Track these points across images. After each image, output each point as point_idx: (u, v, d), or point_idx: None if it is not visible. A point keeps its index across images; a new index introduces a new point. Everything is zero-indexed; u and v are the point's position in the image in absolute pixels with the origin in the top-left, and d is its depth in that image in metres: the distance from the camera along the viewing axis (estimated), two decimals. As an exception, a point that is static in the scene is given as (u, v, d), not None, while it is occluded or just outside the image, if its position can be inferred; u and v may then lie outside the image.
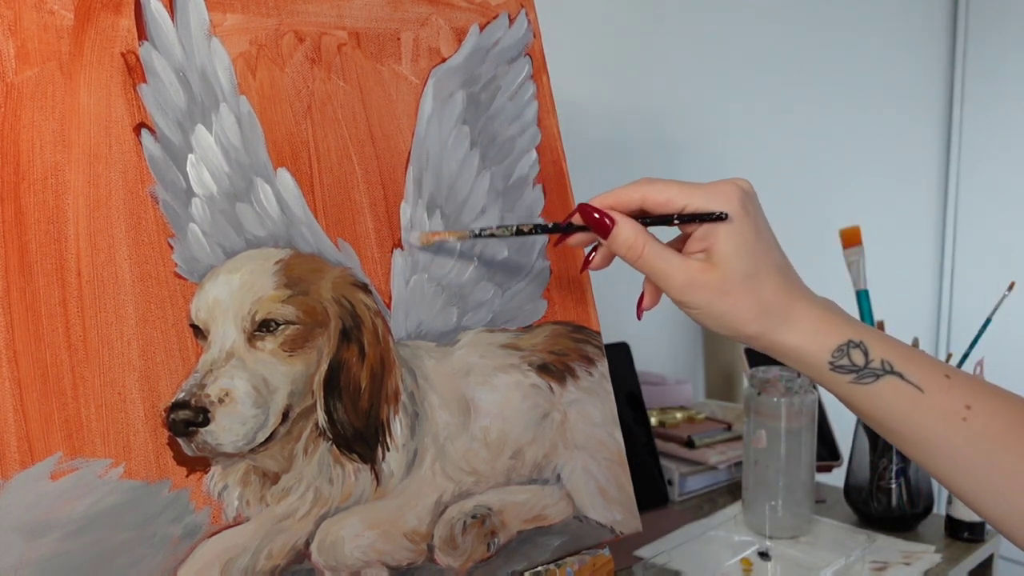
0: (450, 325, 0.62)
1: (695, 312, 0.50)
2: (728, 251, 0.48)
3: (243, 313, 0.53)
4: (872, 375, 0.48)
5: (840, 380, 0.49)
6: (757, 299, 0.49)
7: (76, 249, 0.48)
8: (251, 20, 0.56)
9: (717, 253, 0.49)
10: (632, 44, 1.29)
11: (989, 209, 2.06)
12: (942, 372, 0.48)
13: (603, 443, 0.68)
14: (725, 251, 0.48)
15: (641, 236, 0.50)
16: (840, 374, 0.48)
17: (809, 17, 1.66)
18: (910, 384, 0.47)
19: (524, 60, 0.68)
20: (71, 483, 0.47)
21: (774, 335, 0.49)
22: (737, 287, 0.48)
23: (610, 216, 0.50)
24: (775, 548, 0.87)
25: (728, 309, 0.49)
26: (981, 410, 0.47)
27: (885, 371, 0.48)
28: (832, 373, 0.49)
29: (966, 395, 0.47)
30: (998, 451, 0.46)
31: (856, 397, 0.49)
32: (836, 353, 0.48)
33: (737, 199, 0.49)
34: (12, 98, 0.47)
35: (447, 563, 0.59)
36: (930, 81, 2.06)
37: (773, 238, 0.51)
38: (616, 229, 0.50)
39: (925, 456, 0.48)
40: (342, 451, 0.56)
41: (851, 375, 0.48)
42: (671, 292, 0.50)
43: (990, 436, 0.46)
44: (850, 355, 0.48)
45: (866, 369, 0.48)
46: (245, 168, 0.55)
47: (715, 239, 0.49)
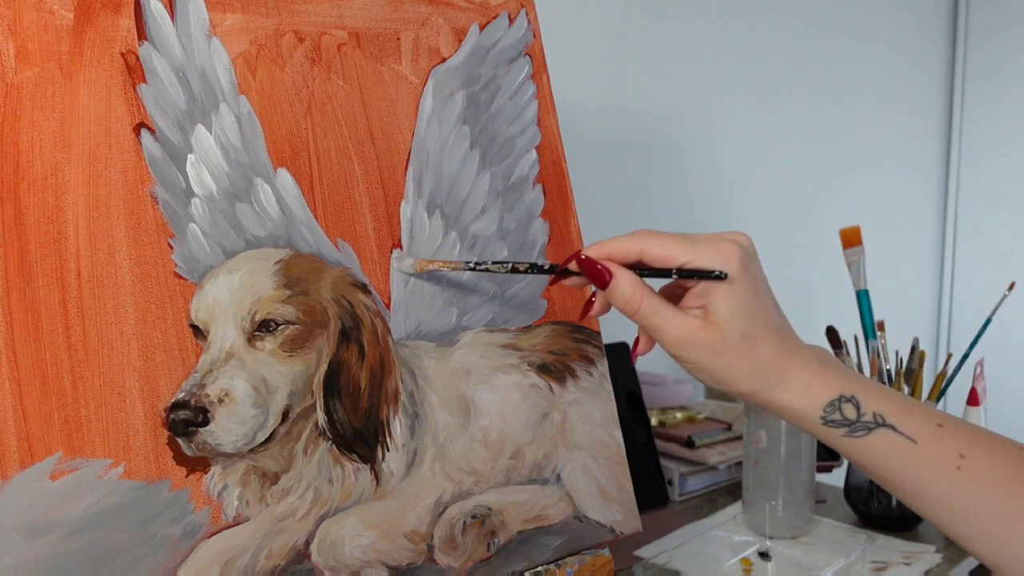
0: (450, 325, 0.62)
1: (689, 367, 0.50)
2: (726, 312, 0.48)
3: (243, 313, 0.53)
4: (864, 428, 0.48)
5: (833, 434, 0.49)
6: (752, 360, 0.48)
7: (76, 249, 0.48)
8: (251, 20, 0.56)
9: (715, 312, 0.48)
10: (632, 44, 1.29)
11: (989, 209, 2.06)
12: (935, 421, 0.48)
13: (603, 443, 0.68)
14: (723, 311, 0.48)
15: (639, 290, 0.49)
16: (832, 428, 0.49)
17: (809, 17, 1.66)
18: (902, 435, 0.48)
19: (524, 60, 0.68)
20: (71, 483, 0.47)
21: (767, 394, 0.49)
22: (733, 348, 0.48)
23: (608, 269, 0.49)
24: (775, 548, 0.87)
25: (723, 368, 0.49)
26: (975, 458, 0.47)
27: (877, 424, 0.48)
28: (825, 428, 0.49)
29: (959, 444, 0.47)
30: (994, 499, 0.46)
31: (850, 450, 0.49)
32: (828, 408, 0.49)
33: (737, 258, 0.48)
34: (12, 98, 0.47)
35: (447, 563, 0.59)
36: (930, 81, 2.06)
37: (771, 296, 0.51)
38: (614, 282, 0.49)
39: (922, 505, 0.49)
40: (342, 451, 0.56)
41: (843, 429, 0.49)
42: (666, 346, 0.50)
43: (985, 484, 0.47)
44: (842, 410, 0.49)
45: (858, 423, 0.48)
46: (245, 168, 0.54)
47: (713, 298, 0.48)
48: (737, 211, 1.50)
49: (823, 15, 1.70)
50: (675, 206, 1.37)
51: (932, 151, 2.10)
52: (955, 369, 0.94)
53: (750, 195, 1.54)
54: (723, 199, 1.47)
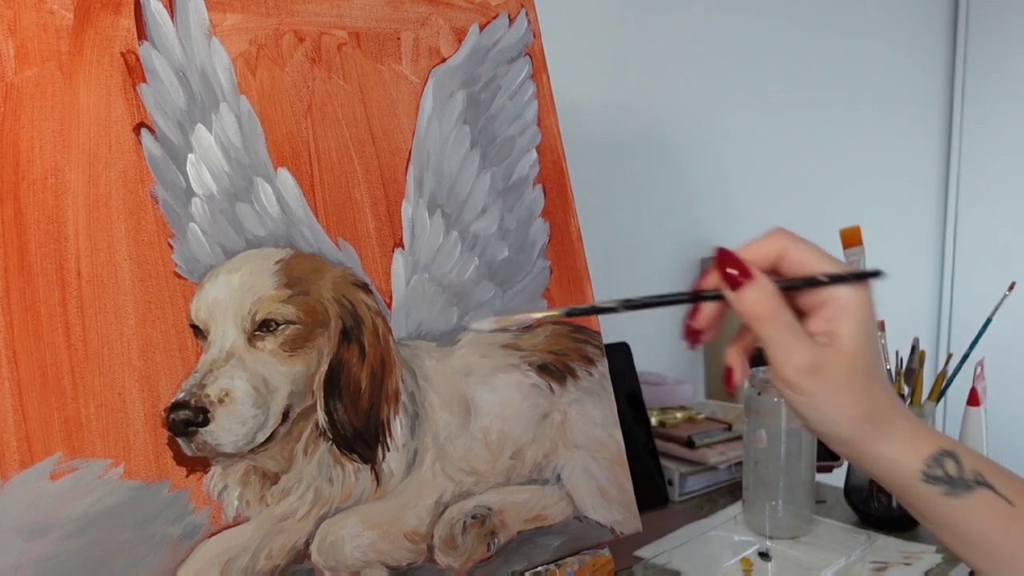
0: (450, 325, 0.62)
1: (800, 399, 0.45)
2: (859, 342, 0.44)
3: (243, 313, 0.53)
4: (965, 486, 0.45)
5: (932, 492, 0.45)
6: (868, 401, 0.45)
7: (76, 249, 0.48)
8: (251, 20, 0.55)
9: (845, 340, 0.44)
10: (632, 44, 1.29)
11: (989, 209, 2.06)
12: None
13: (603, 443, 0.68)
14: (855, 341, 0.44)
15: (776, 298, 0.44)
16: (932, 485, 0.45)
17: (809, 17, 1.66)
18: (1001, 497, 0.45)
19: (524, 60, 0.68)
20: (71, 483, 0.47)
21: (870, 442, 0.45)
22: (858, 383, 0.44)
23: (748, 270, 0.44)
24: (775, 548, 0.86)
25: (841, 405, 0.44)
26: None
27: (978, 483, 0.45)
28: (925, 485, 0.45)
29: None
30: None
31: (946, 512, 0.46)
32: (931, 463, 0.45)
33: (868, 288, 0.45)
34: (12, 98, 0.47)
35: (447, 563, 0.59)
36: (931, 81, 2.06)
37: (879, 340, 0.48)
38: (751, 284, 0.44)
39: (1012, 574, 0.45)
40: (342, 451, 0.56)
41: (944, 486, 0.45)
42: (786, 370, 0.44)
43: None
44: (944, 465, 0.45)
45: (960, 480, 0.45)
46: (245, 168, 0.54)
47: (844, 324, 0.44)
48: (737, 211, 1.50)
49: (823, 15, 1.70)
50: (675, 206, 1.37)
51: (932, 151, 2.10)
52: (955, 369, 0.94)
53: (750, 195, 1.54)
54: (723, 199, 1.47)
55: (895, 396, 0.46)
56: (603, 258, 1.25)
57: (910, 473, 0.45)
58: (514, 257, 0.66)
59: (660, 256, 1.37)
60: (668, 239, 1.37)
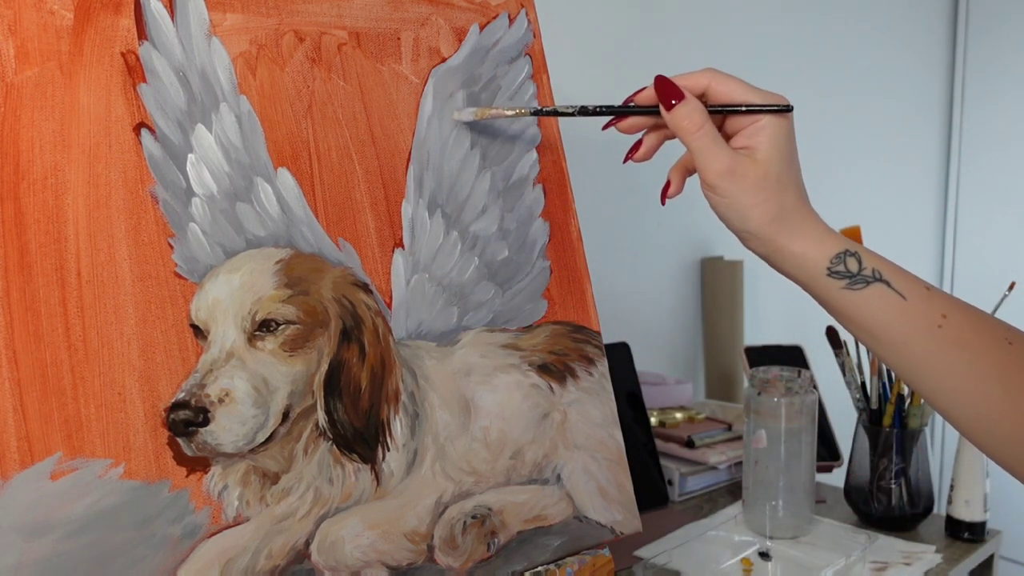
0: (450, 325, 0.62)
1: (722, 200, 0.54)
2: (771, 153, 0.53)
3: (243, 313, 0.53)
4: (863, 281, 0.52)
5: (834, 285, 0.53)
6: (780, 203, 0.53)
7: (76, 249, 0.48)
8: (251, 20, 0.55)
9: (760, 151, 0.53)
10: (632, 44, 1.29)
11: (989, 209, 2.06)
12: (923, 285, 0.53)
13: (603, 443, 0.68)
14: (768, 152, 0.53)
15: (703, 114, 0.53)
16: (835, 279, 0.53)
17: (809, 16, 1.66)
18: (895, 292, 0.52)
19: (524, 60, 0.68)
20: (71, 483, 0.47)
21: (782, 239, 0.53)
22: (769, 186, 0.52)
23: (680, 92, 0.54)
24: (775, 548, 0.86)
25: (754, 205, 0.53)
26: (955, 320, 0.51)
27: (875, 278, 0.52)
28: (828, 279, 0.53)
29: (943, 306, 0.51)
30: (967, 356, 0.50)
31: (845, 302, 0.53)
32: (835, 260, 0.53)
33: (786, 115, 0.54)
34: (12, 98, 0.47)
35: (447, 563, 0.59)
36: (930, 81, 2.06)
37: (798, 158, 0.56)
38: (683, 103, 0.53)
39: (902, 360, 0.53)
40: (342, 451, 0.56)
41: (845, 280, 0.52)
42: (708, 174, 0.53)
43: (961, 343, 0.51)
44: (846, 262, 0.52)
45: (859, 276, 0.52)
46: (245, 168, 0.54)
47: (760, 140, 0.53)
48: (737, 211, 1.50)
49: (823, 14, 1.70)
50: (675, 206, 1.37)
51: (932, 151, 2.10)
52: (955, 369, 0.94)
53: (750, 195, 1.54)
54: (723, 199, 1.47)
55: (807, 204, 0.55)
56: (603, 258, 1.25)
57: (816, 268, 0.53)
58: (514, 257, 0.66)
59: (660, 256, 1.37)
60: (668, 239, 1.37)
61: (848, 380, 0.97)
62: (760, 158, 0.53)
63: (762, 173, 0.53)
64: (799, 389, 0.89)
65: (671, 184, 0.59)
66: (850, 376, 0.97)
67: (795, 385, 0.89)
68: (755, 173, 0.53)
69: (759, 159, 0.53)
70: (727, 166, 0.52)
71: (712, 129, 0.53)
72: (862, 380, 0.97)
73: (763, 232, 0.53)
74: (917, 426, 0.93)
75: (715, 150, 0.53)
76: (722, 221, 0.55)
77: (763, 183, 0.52)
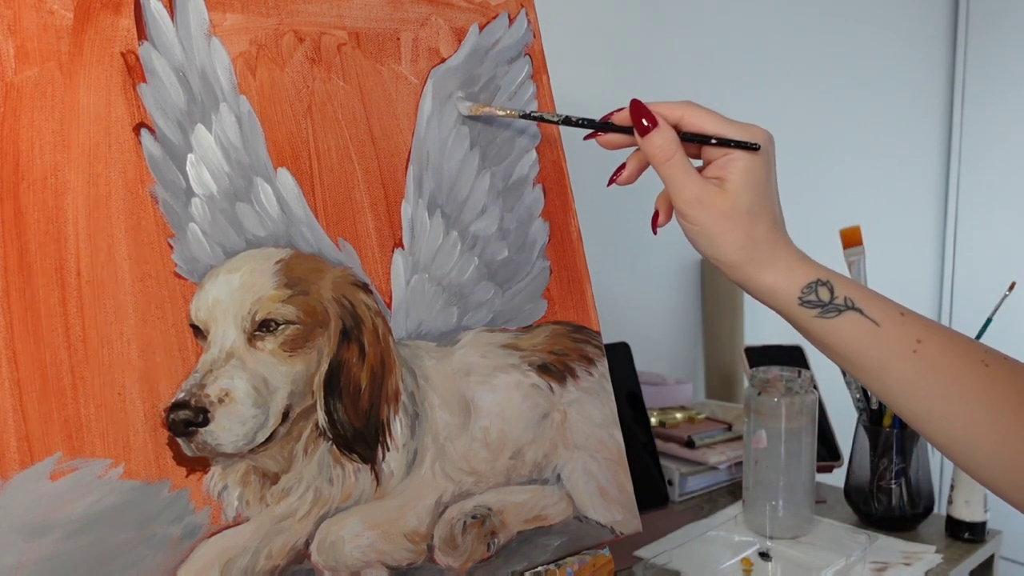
0: (450, 325, 0.62)
1: (693, 228, 0.55)
2: (740, 185, 0.53)
3: (243, 313, 0.53)
4: (835, 310, 0.53)
5: (807, 314, 0.54)
6: (749, 233, 0.54)
7: (76, 249, 0.48)
8: (251, 20, 0.55)
9: (730, 183, 0.54)
10: (632, 44, 1.29)
11: (989, 209, 2.06)
12: (897, 310, 0.53)
13: (603, 443, 0.68)
14: (738, 184, 0.54)
15: (674, 143, 0.54)
16: (807, 308, 0.54)
17: (809, 15, 1.66)
18: (868, 319, 0.53)
19: (524, 60, 0.68)
20: (71, 483, 0.47)
21: (752, 268, 0.54)
22: (737, 217, 0.53)
23: (655, 118, 0.54)
24: (775, 548, 0.86)
25: (722, 232, 0.54)
26: (930, 344, 0.52)
27: (847, 307, 0.53)
28: (800, 308, 0.54)
29: (918, 331, 0.52)
30: (945, 380, 0.51)
31: (819, 330, 0.54)
32: (805, 290, 0.54)
33: (762, 140, 0.55)
34: (12, 98, 0.47)
35: (447, 563, 0.59)
36: (930, 81, 2.06)
37: (776, 190, 0.57)
38: (656, 131, 0.54)
39: (880, 385, 0.53)
40: (342, 451, 0.56)
41: (817, 310, 0.53)
42: (678, 202, 0.54)
43: (937, 367, 0.51)
44: (817, 292, 0.53)
45: (831, 305, 0.53)
46: (245, 168, 0.54)
47: (731, 171, 0.54)
48: (737, 211, 1.50)
49: (823, 13, 1.70)
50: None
51: (932, 151, 2.10)
52: (955, 369, 0.94)
53: (750, 195, 1.54)
54: (723, 199, 1.47)
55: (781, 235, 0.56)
56: (603, 258, 1.25)
57: (787, 298, 0.54)
58: (514, 257, 0.66)
59: (660, 256, 1.37)
60: (668, 239, 1.37)
61: (848, 380, 0.97)
62: (729, 188, 0.54)
63: (730, 204, 0.53)
64: (799, 389, 0.89)
65: (659, 214, 0.60)
66: (850, 376, 0.97)
67: (795, 385, 0.89)
68: (723, 203, 0.53)
69: (728, 189, 0.54)
70: (695, 195, 0.54)
71: (682, 158, 0.54)
72: (862, 380, 0.97)
73: (731, 260, 0.54)
74: (917, 426, 0.93)
75: (684, 179, 0.54)
76: (695, 249, 0.56)
77: (730, 213, 0.53)
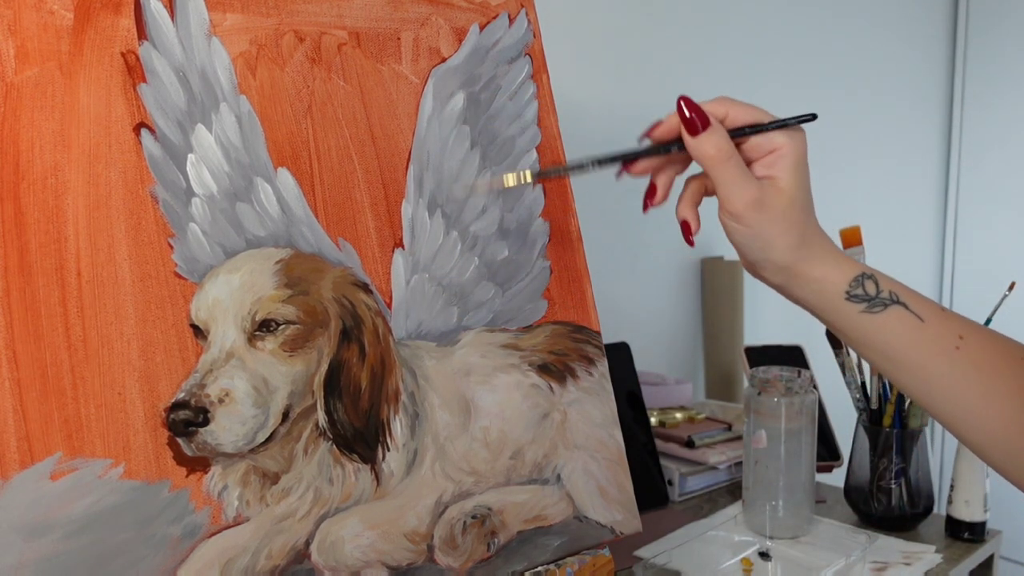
0: (450, 325, 0.62)
1: (747, 232, 0.53)
2: (794, 182, 0.52)
3: (243, 313, 0.53)
4: (881, 304, 0.52)
5: (852, 310, 0.52)
6: (802, 231, 0.53)
7: (76, 249, 0.48)
8: (251, 20, 0.55)
9: (784, 180, 0.52)
10: (632, 44, 1.29)
11: (989, 209, 2.06)
12: (937, 307, 0.53)
13: (603, 443, 0.68)
14: (792, 181, 0.52)
15: (730, 143, 0.52)
16: (854, 303, 0.52)
17: (809, 16, 1.66)
18: (913, 314, 0.52)
19: (524, 60, 0.68)
20: (71, 483, 0.47)
21: (804, 266, 0.53)
22: (794, 216, 0.52)
23: (707, 118, 0.52)
24: (775, 548, 0.86)
25: (779, 234, 0.52)
26: (972, 341, 0.51)
27: (893, 301, 0.52)
28: (846, 303, 0.53)
29: (960, 327, 0.52)
30: (985, 378, 0.50)
31: (864, 327, 0.53)
32: (853, 283, 0.52)
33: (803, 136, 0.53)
34: (12, 98, 0.47)
35: (447, 563, 0.59)
36: (930, 81, 2.06)
37: None
38: (710, 130, 0.52)
39: (920, 383, 0.52)
40: (342, 451, 0.56)
41: (863, 304, 0.52)
42: (735, 205, 0.52)
43: (979, 365, 0.51)
44: (864, 285, 0.52)
45: (877, 299, 0.52)
46: (245, 168, 0.54)
47: (782, 168, 0.52)
48: (737, 211, 1.50)
49: (823, 13, 1.70)
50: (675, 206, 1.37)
51: (932, 151, 2.10)
52: (955, 369, 0.94)
53: (750, 195, 1.54)
54: (723, 199, 1.47)
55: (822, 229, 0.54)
56: (603, 258, 1.25)
57: (835, 292, 0.53)
58: (514, 257, 0.66)
59: (660, 256, 1.37)
60: (668, 239, 1.37)
61: (848, 380, 0.97)
62: (784, 187, 0.52)
63: (787, 202, 0.52)
64: (799, 389, 0.89)
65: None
66: (850, 376, 0.97)
67: (795, 385, 0.89)
68: (781, 203, 0.52)
69: (783, 187, 0.52)
70: (755, 196, 0.51)
71: (738, 159, 0.52)
72: (862, 380, 0.97)
73: (785, 260, 0.53)
74: (917, 426, 0.93)
75: (742, 180, 0.52)
76: (739, 251, 0.54)
77: (789, 212, 0.52)
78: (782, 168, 0.52)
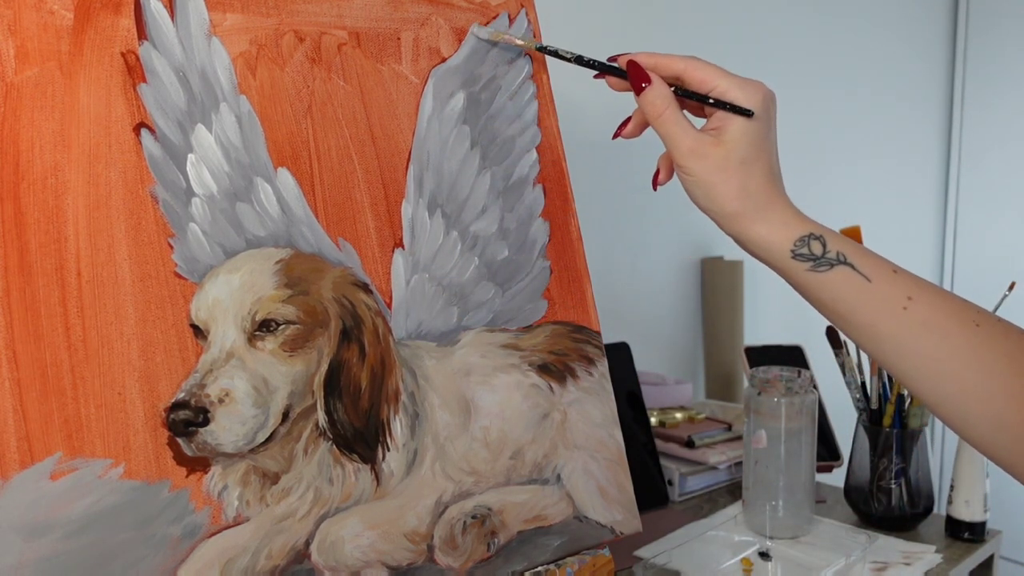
0: (450, 325, 0.62)
1: (690, 179, 0.56)
2: (736, 137, 0.54)
3: (243, 313, 0.53)
4: (827, 264, 0.53)
5: (798, 268, 0.54)
6: (743, 184, 0.54)
7: (76, 249, 0.48)
8: (251, 20, 0.55)
9: (727, 135, 0.55)
10: (632, 44, 1.29)
11: (989, 209, 2.06)
12: (890, 267, 0.54)
13: (603, 443, 0.68)
14: (734, 136, 0.54)
15: (667, 100, 0.56)
16: (799, 262, 0.54)
17: (809, 16, 1.66)
18: (859, 274, 0.53)
19: (524, 60, 0.68)
20: (71, 483, 0.47)
21: (746, 221, 0.55)
22: (732, 167, 0.54)
23: (648, 76, 0.56)
24: (775, 548, 0.86)
25: (717, 183, 0.54)
26: (921, 302, 0.52)
27: (839, 261, 0.53)
28: (792, 261, 0.54)
29: (909, 288, 0.52)
30: (934, 338, 0.51)
31: (811, 284, 0.54)
32: (797, 243, 0.54)
33: (763, 97, 0.55)
34: (12, 98, 0.47)
35: (447, 563, 0.59)
36: (930, 81, 2.06)
37: (775, 145, 0.57)
38: (649, 88, 0.56)
39: (870, 341, 0.54)
40: (342, 451, 0.56)
41: (808, 263, 0.54)
42: (676, 155, 0.56)
43: (927, 325, 0.51)
44: (810, 245, 0.54)
45: (822, 258, 0.53)
46: (245, 168, 0.54)
47: (730, 124, 0.55)
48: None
49: (823, 14, 1.70)
50: (675, 206, 1.37)
51: (932, 151, 2.10)
52: (955, 369, 0.94)
53: (750, 195, 1.53)
54: (723, 199, 1.47)
55: (777, 189, 0.56)
56: (603, 258, 1.25)
57: (780, 250, 0.54)
58: (514, 257, 0.66)
59: (660, 256, 1.37)
60: (668, 239, 1.37)
61: (848, 380, 0.97)
62: (725, 139, 0.55)
63: (724, 154, 0.54)
64: (799, 389, 0.89)
65: (660, 172, 0.61)
66: (850, 376, 0.97)
67: (795, 385, 0.89)
68: (718, 154, 0.54)
69: (723, 139, 0.55)
70: (690, 147, 0.55)
71: (675, 112, 0.55)
72: (862, 380, 0.97)
73: (726, 211, 0.55)
74: (917, 426, 0.93)
75: (679, 132, 0.55)
76: (693, 202, 0.57)
77: (724, 163, 0.54)
78: (730, 123, 0.55)
